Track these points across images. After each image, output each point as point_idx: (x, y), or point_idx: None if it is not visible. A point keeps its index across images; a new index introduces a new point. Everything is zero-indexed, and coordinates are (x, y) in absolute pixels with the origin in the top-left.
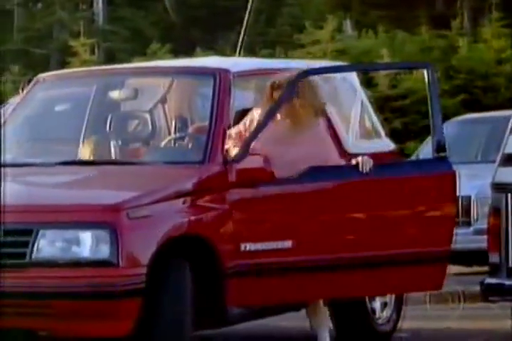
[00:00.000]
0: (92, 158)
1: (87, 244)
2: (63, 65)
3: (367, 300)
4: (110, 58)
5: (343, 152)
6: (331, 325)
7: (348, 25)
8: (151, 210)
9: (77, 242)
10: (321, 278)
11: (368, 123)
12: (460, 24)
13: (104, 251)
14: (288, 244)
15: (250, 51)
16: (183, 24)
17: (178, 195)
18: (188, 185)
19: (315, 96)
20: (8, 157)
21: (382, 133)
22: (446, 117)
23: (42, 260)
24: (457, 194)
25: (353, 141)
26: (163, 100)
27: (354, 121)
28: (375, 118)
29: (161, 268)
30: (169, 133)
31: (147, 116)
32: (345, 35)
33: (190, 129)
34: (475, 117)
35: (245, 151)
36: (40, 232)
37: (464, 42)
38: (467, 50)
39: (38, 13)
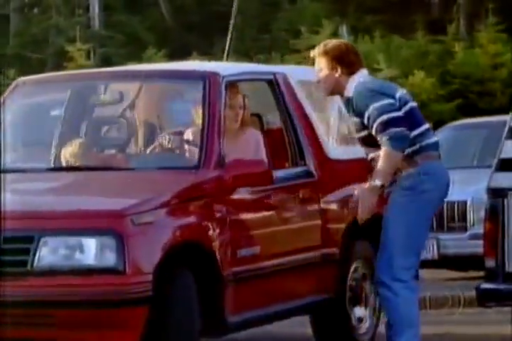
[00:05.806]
0: (70, 164)
1: (92, 251)
2: (59, 69)
3: (347, 307)
4: (106, 63)
5: (324, 157)
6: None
7: (344, 30)
8: (154, 216)
9: (81, 249)
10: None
11: (345, 129)
12: (456, 29)
13: (110, 259)
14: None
15: (246, 56)
16: (179, 29)
17: (178, 201)
18: (186, 191)
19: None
20: None
21: None
22: (442, 122)
23: (44, 268)
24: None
25: (333, 147)
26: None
27: (333, 126)
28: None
29: (165, 277)
30: (154, 139)
31: (123, 121)
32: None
33: (183, 134)
34: (471, 122)
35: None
36: (42, 239)
37: (460, 47)
38: (463, 55)
39: (34, 18)
